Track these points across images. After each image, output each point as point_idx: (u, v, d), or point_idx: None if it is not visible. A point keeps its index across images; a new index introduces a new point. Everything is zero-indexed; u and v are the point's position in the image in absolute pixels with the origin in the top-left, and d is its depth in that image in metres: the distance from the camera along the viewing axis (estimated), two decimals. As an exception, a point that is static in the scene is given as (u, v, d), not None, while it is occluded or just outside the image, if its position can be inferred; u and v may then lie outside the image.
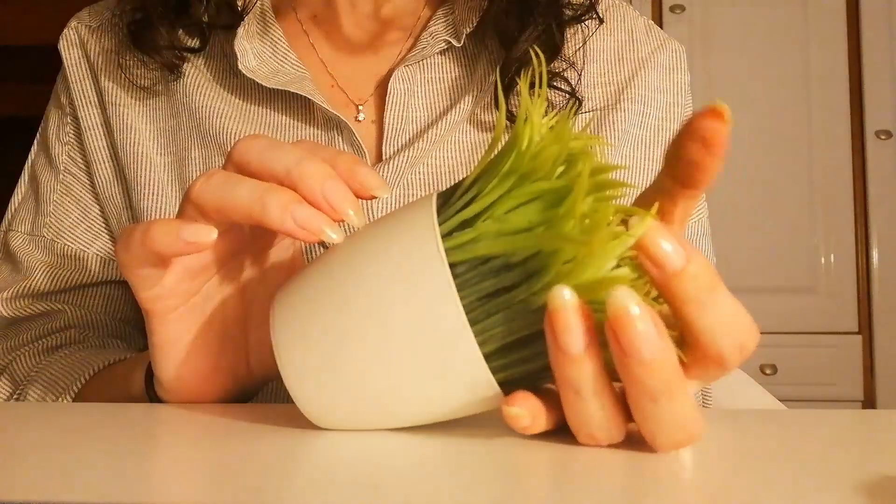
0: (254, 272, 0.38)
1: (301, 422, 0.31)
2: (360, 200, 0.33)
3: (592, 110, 0.57)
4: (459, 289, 0.27)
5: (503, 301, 0.27)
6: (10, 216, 0.61)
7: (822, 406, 1.81)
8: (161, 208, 0.56)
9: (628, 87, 0.58)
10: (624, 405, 0.27)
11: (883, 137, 1.95)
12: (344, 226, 0.50)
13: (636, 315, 0.24)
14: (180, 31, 0.56)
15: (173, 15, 0.54)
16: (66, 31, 0.60)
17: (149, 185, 0.56)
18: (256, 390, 0.41)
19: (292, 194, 0.31)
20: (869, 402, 1.91)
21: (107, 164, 0.58)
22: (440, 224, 0.28)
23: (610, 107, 0.57)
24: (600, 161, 0.28)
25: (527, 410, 0.27)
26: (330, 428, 0.31)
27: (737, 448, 0.29)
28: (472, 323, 0.27)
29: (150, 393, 0.40)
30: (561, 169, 0.28)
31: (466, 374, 0.28)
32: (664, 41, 0.61)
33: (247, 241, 0.36)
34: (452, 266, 0.27)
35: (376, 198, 0.33)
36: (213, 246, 0.33)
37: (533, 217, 0.27)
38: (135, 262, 0.33)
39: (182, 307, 0.36)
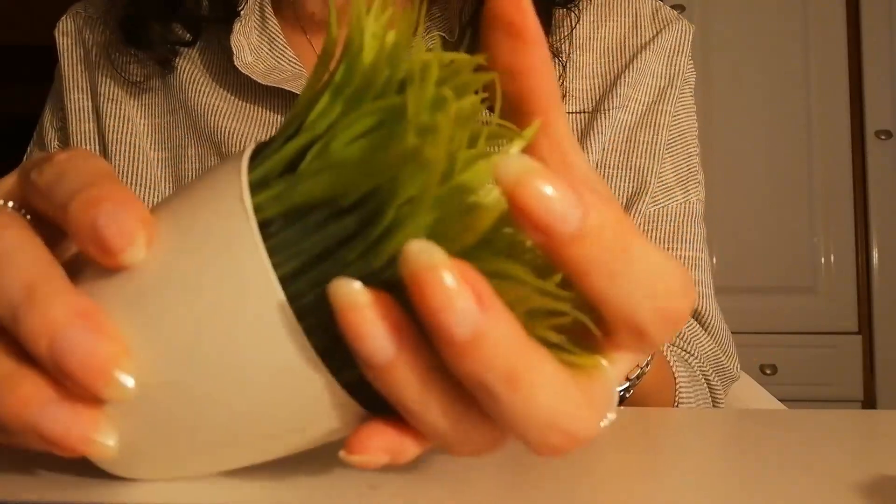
0: None
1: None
2: None
3: (583, 111, 0.56)
4: (273, 253, 0.19)
5: (332, 265, 0.19)
6: None
7: (822, 406, 1.81)
8: (153, 203, 0.56)
9: (624, 73, 0.57)
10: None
11: (883, 137, 1.95)
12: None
13: (440, 277, 0.16)
14: (173, 25, 0.55)
15: (166, 10, 0.54)
16: (62, 18, 0.60)
17: (141, 178, 0.56)
18: None
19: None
20: (869, 402, 1.91)
21: (91, 150, 0.57)
22: (252, 171, 0.21)
23: (601, 99, 0.56)
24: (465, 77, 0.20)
25: (375, 451, 0.20)
26: (133, 478, 0.23)
27: (737, 448, 0.29)
28: (293, 299, 0.19)
29: None
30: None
31: (298, 379, 0.20)
32: (670, 21, 0.59)
33: None
34: (265, 225, 0.20)
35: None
36: None
37: (366, 144, 0.19)
38: None
39: None
